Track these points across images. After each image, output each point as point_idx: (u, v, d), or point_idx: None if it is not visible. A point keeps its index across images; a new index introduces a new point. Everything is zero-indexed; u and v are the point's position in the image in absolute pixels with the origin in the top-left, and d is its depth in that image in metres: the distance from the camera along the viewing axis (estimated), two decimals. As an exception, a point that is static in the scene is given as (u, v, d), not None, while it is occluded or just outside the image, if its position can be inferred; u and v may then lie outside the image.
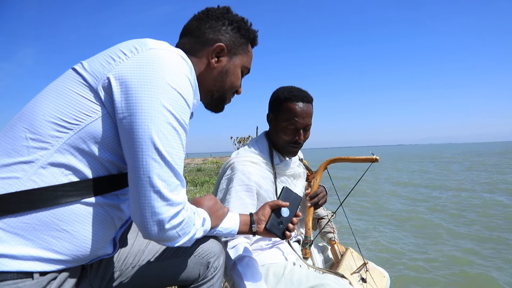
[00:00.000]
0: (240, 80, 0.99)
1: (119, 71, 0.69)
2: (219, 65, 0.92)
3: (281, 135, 1.37)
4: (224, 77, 0.94)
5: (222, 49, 0.91)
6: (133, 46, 0.73)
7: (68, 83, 0.72)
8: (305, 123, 1.35)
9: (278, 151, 1.43)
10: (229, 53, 0.93)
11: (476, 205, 7.78)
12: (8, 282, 0.62)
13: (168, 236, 0.73)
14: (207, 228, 0.86)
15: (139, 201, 0.69)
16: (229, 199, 1.27)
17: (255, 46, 1.02)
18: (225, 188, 1.31)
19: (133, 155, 0.68)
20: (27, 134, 0.67)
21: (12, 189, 0.64)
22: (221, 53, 0.92)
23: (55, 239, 0.67)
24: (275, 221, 1.04)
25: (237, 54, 0.95)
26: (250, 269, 1.13)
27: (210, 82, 0.93)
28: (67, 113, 0.68)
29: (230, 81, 0.95)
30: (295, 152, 1.41)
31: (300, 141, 1.36)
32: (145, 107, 0.67)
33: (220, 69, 0.92)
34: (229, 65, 0.93)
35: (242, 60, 0.97)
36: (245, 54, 0.97)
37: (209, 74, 0.92)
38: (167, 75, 0.70)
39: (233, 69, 0.95)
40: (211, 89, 0.94)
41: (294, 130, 1.35)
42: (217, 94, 0.96)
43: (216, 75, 0.93)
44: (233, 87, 0.97)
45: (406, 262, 4.31)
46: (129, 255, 0.92)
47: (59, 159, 0.67)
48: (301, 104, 1.34)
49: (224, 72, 0.93)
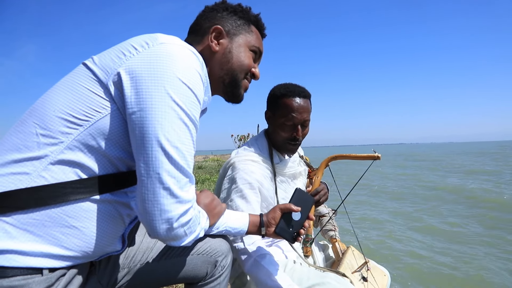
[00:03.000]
0: (250, 59, 0.95)
1: (129, 66, 0.69)
2: (221, 47, 0.91)
3: (279, 132, 1.36)
4: (229, 57, 0.91)
5: (220, 32, 0.90)
6: (144, 40, 0.73)
7: (78, 78, 0.71)
8: (303, 119, 1.34)
9: (277, 149, 1.42)
10: (228, 34, 0.92)
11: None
12: (18, 277, 0.62)
13: (176, 235, 0.72)
14: (207, 227, 0.85)
15: (148, 199, 0.68)
16: (234, 198, 1.26)
17: (265, 30, 1.00)
18: (228, 188, 1.30)
19: (142, 151, 0.67)
20: (37, 129, 0.67)
21: (22, 185, 0.64)
22: (220, 36, 0.91)
23: (64, 235, 0.67)
24: (285, 225, 1.02)
25: (237, 34, 0.93)
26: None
27: (217, 67, 0.91)
28: (77, 109, 0.68)
29: (237, 60, 0.92)
30: (293, 150, 1.39)
31: (298, 137, 1.35)
32: (155, 102, 0.66)
33: (222, 51, 0.91)
34: (231, 45, 0.92)
35: (246, 39, 0.94)
36: (248, 33, 0.95)
37: (214, 60, 0.91)
38: (177, 69, 0.69)
39: (237, 47, 0.92)
40: (220, 74, 0.92)
41: (292, 126, 1.34)
42: (228, 78, 0.92)
43: (220, 57, 0.91)
44: (241, 66, 0.93)
45: (406, 262, 4.32)
46: (138, 253, 0.92)
47: (68, 156, 0.67)
48: (298, 100, 1.33)
49: (227, 52, 0.91)
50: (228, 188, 1.30)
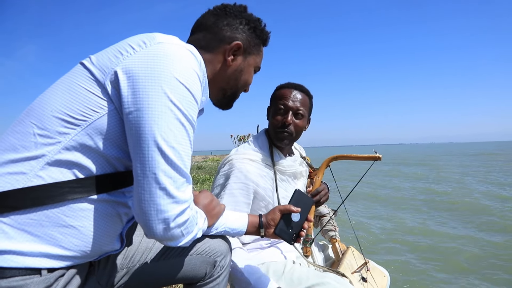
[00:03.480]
0: (252, 78, 1.00)
1: (126, 65, 0.69)
2: (235, 63, 0.92)
3: (272, 120, 1.40)
4: (238, 75, 0.94)
5: (239, 48, 0.91)
6: (142, 40, 0.73)
7: (76, 78, 0.71)
8: (294, 106, 1.36)
9: (274, 144, 1.43)
10: (244, 52, 0.93)
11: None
12: (16, 278, 0.62)
13: (173, 235, 0.71)
14: (205, 227, 0.85)
15: (144, 198, 0.67)
16: (223, 195, 1.28)
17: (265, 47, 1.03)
18: (221, 184, 1.32)
19: (139, 151, 0.67)
20: (35, 129, 0.67)
21: (19, 185, 0.64)
22: (237, 52, 0.92)
23: (62, 235, 0.67)
24: (285, 226, 1.02)
25: (251, 54, 0.95)
26: (243, 257, 1.17)
27: (224, 79, 0.93)
28: (74, 109, 0.68)
29: (244, 80, 0.97)
30: (284, 138, 1.38)
31: (287, 123, 1.35)
32: (152, 102, 0.66)
33: (235, 68, 0.93)
34: (243, 64, 0.94)
35: (255, 60, 0.98)
36: (258, 55, 0.98)
37: (224, 72, 0.92)
38: (175, 69, 0.69)
39: (247, 68, 0.96)
40: (224, 87, 0.95)
41: (282, 113, 1.37)
42: (230, 92, 0.97)
43: (231, 73, 0.93)
44: (245, 85, 0.99)
45: (406, 261, 4.32)
46: (137, 253, 0.92)
47: (66, 156, 0.67)
48: (292, 90, 1.38)
49: (239, 70, 0.94)
50: (221, 185, 1.32)
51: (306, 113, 1.40)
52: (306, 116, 1.41)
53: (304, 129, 1.45)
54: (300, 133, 1.42)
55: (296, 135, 1.41)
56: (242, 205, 1.29)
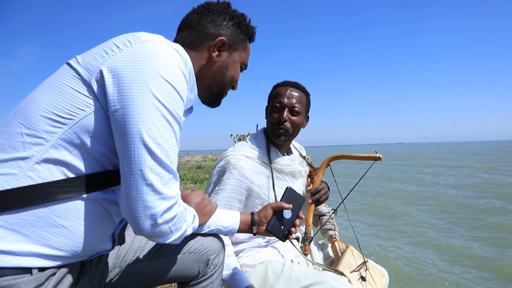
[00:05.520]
0: (239, 74, 1.00)
1: (111, 64, 0.69)
2: (220, 59, 0.93)
3: (268, 118, 1.41)
4: (224, 71, 0.94)
5: (223, 43, 0.91)
6: (127, 39, 0.73)
7: (62, 78, 0.71)
8: (290, 103, 1.37)
9: (271, 142, 1.43)
10: (229, 48, 0.94)
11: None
12: (7, 277, 0.62)
13: (161, 232, 0.71)
14: (196, 225, 0.85)
15: (131, 195, 0.68)
16: (217, 191, 1.29)
17: (252, 43, 1.03)
18: (215, 181, 1.34)
19: (125, 148, 0.67)
20: (22, 129, 0.67)
21: (9, 185, 0.64)
22: (222, 48, 0.92)
23: (52, 235, 0.67)
24: (277, 223, 1.04)
25: (236, 50, 0.95)
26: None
27: (210, 76, 0.93)
28: (61, 108, 0.68)
29: (230, 75, 0.96)
30: (280, 134, 1.38)
31: (283, 119, 1.35)
32: (137, 99, 0.67)
33: (220, 64, 0.93)
34: (229, 59, 0.94)
35: (241, 56, 0.98)
36: (244, 50, 0.98)
37: (209, 69, 0.92)
38: (159, 67, 0.69)
39: (233, 63, 0.96)
40: (211, 83, 0.95)
41: (278, 110, 1.38)
42: (216, 88, 0.97)
43: (216, 69, 0.93)
44: (232, 81, 0.98)
45: (406, 261, 4.32)
46: (129, 252, 0.92)
47: (54, 155, 0.67)
48: (288, 88, 1.39)
49: (224, 66, 0.94)
50: (215, 181, 1.34)
51: (302, 110, 1.40)
52: (302, 113, 1.41)
53: (302, 126, 1.45)
54: (297, 130, 1.42)
55: (293, 132, 1.40)
56: (235, 201, 1.29)
